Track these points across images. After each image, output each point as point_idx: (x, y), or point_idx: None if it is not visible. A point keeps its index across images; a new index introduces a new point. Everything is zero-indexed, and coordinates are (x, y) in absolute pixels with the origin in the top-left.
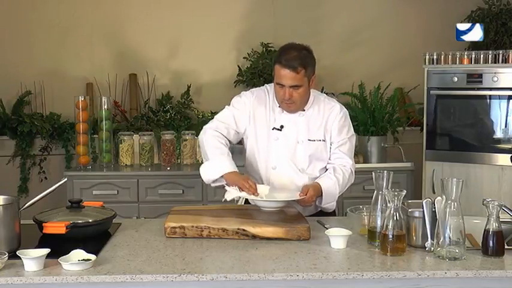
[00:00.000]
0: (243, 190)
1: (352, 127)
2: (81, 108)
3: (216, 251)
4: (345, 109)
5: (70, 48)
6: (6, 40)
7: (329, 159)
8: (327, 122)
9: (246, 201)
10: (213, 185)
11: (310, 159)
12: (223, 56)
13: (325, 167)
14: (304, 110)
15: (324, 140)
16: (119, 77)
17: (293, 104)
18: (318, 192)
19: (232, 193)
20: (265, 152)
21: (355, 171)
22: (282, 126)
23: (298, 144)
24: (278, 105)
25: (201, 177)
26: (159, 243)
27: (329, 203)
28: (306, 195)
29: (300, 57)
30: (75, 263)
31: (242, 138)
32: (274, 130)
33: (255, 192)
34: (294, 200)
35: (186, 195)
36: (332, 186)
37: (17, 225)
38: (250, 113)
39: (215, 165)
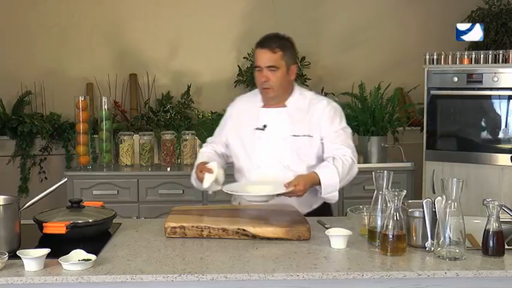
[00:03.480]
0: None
1: (344, 120)
2: (82, 108)
3: (216, 251)
4: (335, 104)
5: (70, 48)
6: (7, 40)
7: (323, 152)
8: (313, 116)
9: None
10: (210, 191)
11: (296, 156)
12: (224, 56)
13: (314, 164)
14: (285, 106)
15: (310, 136)
16: (119, 77)
17: (271, 89)
18: (311, 181)
19: (206, 180)
20: (249, 153)
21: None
22: (264, 126)
23: (282, 140)
24: (262, 104)
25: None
26: (159, 243)
27: (330, 193)
28: (295, 186)
29: (278, 40)
30: (75, 263)
31: None
32: (257, 130)
33: (209, 170)
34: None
35: (186, 195)
36: (331, 174)
37: (17, 225)
38: (231, 121)
39: (194, 168)
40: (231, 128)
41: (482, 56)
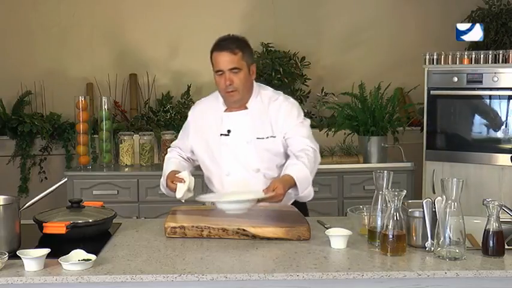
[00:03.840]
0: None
1: (302, 114)
2: (82, 108)
3: (216, 251)
4: (291, 99)
5: (70, 48)
6: (7, 40)
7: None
8: (271, 115)
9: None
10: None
11: (264, 158)
12: None
13: (283, 163)
14: (247, 108)
15: (273, 136)
16: (119, 77)
17: (235, 91)
18: (288, 183)
19: (179, 189)
20: (217, 160)
21: (355, 171)
22: (229, 131)
23: (248, 144)
24: (224, 108)
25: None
26: (159, 243)
27: (306, 189)
28: (273, 191)
29: (236, 41)
30: (75, 263)
31: None
32: (222, 136)
33: (181, 180)
34: (262, 199)
35: None
36: (301, 170)
37: (17, 225)
38: (194, 127)
39: (163, 176)
40: (195, 134)
41: (482, 56)
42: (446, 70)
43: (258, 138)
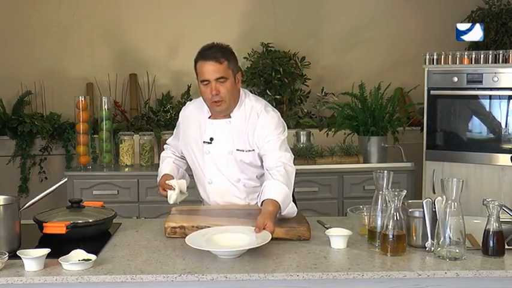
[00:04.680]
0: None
1: (281, 126)
2: (82, 108)
3: None
4: (272, 111)
5: (70, 48)
6: (7, 40)
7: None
8: (251, 128)
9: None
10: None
11: (244, 169)
12: None
13: (263, 174)
14: (230, 117)
15: (252, 150)
16: (119, 77)
17: (222, 101)
18: (274, 212)
19: (170, 197)
20: (201, 166)
21: (355, 171)
22: (211, 139)
23: (229, 155)
24: (209, 115)
25: None
26: (159, 243)
27: (288, 204)
28: (264, 229)
29: (221, 50)
30: (75, 263)
31: None
32: (205, 144)
33: (170, 188)
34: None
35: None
36: (280, 190)
37: (17, 225)
38: (182, 131)
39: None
40: (182, 139)
41: (482, 56)
42: (446, 70)
43: (237, 150)
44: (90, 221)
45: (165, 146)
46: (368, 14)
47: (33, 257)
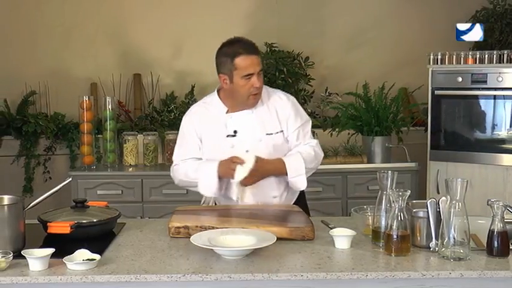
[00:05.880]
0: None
1: (303, 111)
2: (86, 108)
3: None
4: (291, 96)
5: (74, 48)
6: (11, 40)
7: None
8: (276, 111)
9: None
10: (219, 194)
11: (273, 154)
12: None
13: None
14: (250, 108)
15: (281, 131)
16: (123, 77)
17: (259, 94)
18: (273, 162)
19: (238, 172)
20: None
21: (359, 171)
22: (235, 132)
23: (259, 142)
24: (226, 110)
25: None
26: (163, 243)
27: (295, 176)
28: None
29: (253, 44)
30: (79, 263)
31: None
32: (229, 137)
33: (242, 162)
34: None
35: (190, 195)
36: (294, 157)
37: (22, 225)
38: (197, 135)
39: (205, 176)
40: (194, 143)
41: (486, 56)
42: (450, 70)
43: (267, 134)
44: (95, 220)
45: (175, 167)
46: (372, 14)
47: (37, 257)
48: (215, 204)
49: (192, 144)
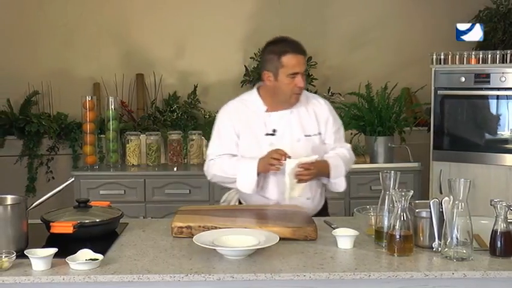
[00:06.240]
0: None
1: (338, 116)
2: (88, 108)
3: None
4: (326, 100)
5: (77, 48)
6: (14, 40)
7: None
8: (315, 114)
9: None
10: (255, 191)
11: (310, 154)
12: (230, 56)
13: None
14: (290, 108)
15: (319, 133)
16: (125, 77)
17: (301, 93)
18: (322, 165)
19: (289, 164)
20: None
21: (361, 171)
22: (274, 130)
23: (297, 142)
24: (265, 109)
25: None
26: (166, 243)
27: (336, 178)
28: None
29: (301, 44)
30: (82, 263)
31: None
32: (268, 136)
33: (285, 155)
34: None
35: (193, 195)
36: (335, 159)
37: (25, 224)
38: (233, 131)
39: (245, 173)
40: (230, 139)
41: (489, 55)
42: (453, 70)
43: (306, 135)
44: (97, 220)
45: (210, 162)
46: (375, 14)
47: (40, 257)
48: (239, 203)
49: (228, 140)
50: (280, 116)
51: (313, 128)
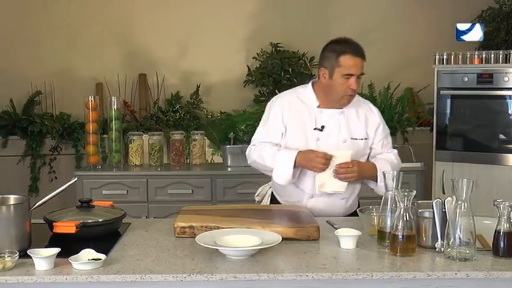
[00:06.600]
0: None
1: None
2: (91, 108)
3: None
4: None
5: (80, 48)
6: (17, 40)
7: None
8: (365, 119)
9: (274, 199)
10: (291, 182)
11: (353, 158)
12: (233, 56)
13: None
14: (341, 108)
15: (366, 139)
16: (128, 77)
17: (353, 96)
18: (367, 166)
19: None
20: None
21: None
22: (323, 127)
23: (343, 143)
24: (317, 104)
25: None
26: (168, 243)
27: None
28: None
29: (361, 47)
30: (85, 263)
31: None
32: (316, 130)
33: (327, 161)
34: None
35: (195, 195)
36: (383, 164)
37: (28, 224)
38: (282, 122)
39: (282, 164)
40: (277, 128)
41: (492, 55)
42: (456, 70)
43: (352, 138)
44: (100, 220)
45: (253, 148)
46: (378, 14)
47: (43, 256)
48: (272, 196)
49: (275, 129)
50: (331, 114)
51: (360, 132)
